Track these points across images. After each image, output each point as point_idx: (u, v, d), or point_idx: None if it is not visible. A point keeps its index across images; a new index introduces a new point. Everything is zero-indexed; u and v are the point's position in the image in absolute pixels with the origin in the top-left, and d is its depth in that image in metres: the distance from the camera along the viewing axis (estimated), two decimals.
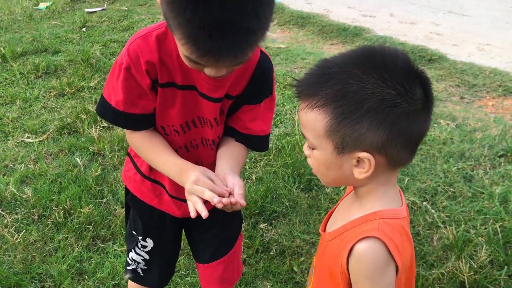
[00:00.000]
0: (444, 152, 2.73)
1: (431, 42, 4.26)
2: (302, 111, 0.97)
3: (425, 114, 0.94)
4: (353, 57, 0.96)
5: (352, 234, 0.99)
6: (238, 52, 0.95)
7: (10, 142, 3.15)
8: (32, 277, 2.12)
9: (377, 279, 0.96)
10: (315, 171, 1.05)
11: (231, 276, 1.58)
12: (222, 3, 0.89)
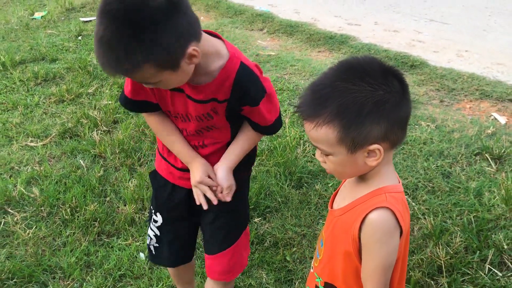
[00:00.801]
0: (424, 151, 2.94)
1: (413, 49, 4.49)
2: (311, 130, 1.14)
3: (406, 98, 1.15)
4: (337, 74, 1.14)
5: (363, 207, 1.17)
6: (115, 74, 1.26)
7: (14, 146, 3.30)
8: (43, 269, 2.27)
9: (386, 242, 1.15)
10: (331, 171, 1.22)
11: (232, 269, 1.71)
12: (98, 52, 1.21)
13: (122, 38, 1.16)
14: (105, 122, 3.46)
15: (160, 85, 1.33)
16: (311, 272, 1.43)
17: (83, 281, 2.22)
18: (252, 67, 1.43)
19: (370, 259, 1.18)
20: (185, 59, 1.26)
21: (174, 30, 1.20)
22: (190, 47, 1.24)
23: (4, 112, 3.79)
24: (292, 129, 3.22)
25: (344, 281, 1.27)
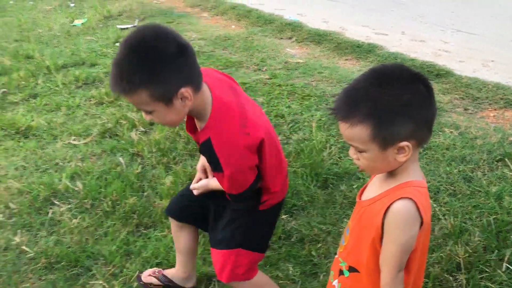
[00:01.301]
0: (447, 156, 3.05)
1: (439, 58, 4.59)
2: (346, 129, 1.28)
3: (431, 100, 1.29)
4: (369, 79, 1.30)
5: (389, 197, 1.31)
6: (115, 91, 1.47)
7: (58, 143, 3.54)
8: (87, 256, 2.47)
9: (405, 229, 1.28)
10: (364, 167, 1.36)
11: (221, 271, 1.87)
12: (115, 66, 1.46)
13: (128, 61, 1.43)
14: (142, 123, 3.67)
15: (154, 116, 1.53)
16: (336, 258, 1.56)
17: (123, 267, 2.41)
18: (220, 148, 1.57)
19: (388, 243, 1.31)
20: (178, 98, 1.47)
21: (174, 70, 1.44)
22: (184, 89, 1.46)
23: (49, 112, 4.05)
24: (319, 132, 3.36)
25: (367, 267, 1.40)
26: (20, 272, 2.39)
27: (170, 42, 1.44)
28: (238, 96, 1.67)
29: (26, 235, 2.61)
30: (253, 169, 1.66)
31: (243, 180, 1.65)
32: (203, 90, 1.55)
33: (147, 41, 1.43)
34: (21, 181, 3.07)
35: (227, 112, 1.59)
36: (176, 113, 1.52)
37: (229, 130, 1.58)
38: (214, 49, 5.28)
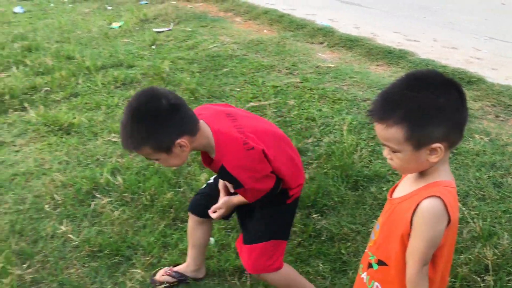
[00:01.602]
0: (477, 162, 3.09)
1: (470, 65, 4.61)
2: (382, 130, 1.36)
3: (464, 105, 1.37)
4: (405, 84, 1.38)
5: (419, 195, 1.38)
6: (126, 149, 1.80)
7: (99, 140, 3.71)
8: (127, 246, 2.61)
9: (432, 226, 1.35)
10: (397, 167, 1.43)
11: (253, 265, 2.03)
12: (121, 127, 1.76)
13: (130, 125, 1.71)
14: None
15: (161, 162, 1.81)
16: (365, 252, 1.64)
17: (160, 258, 2.54)
18: (233, 170, 1.80)
19: (415, 238, 1.38)
20: (176, 146, 1.73)
21: (168, 126, 1.70)
22: (180, 139, 1.71)
23: (89, 110, 4.24)
24: (350, 136, 3.44)
25: (395, 260, 1.47)
26: (65, 258, 2.55)
27: (162, 103, 1.70)
28: (235, 119, 1.90)
29: (71, 225, 2.77)
30: (269, 176, 1.87)
31: (263, 187, 1.88)
32: (202, 130, 1.80)
33: (142, 105, 1.71)
34: (65, 175, 3.25)
35: (228, 139, 1.81)
36: (178, 158, 1.80)
37: (235, 153, 1.80)
38: (246, 52, 5.41)
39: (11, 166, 3.41)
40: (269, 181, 1.88)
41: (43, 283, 2.40)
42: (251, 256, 2.02)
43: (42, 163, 3.43)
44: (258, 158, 1.81)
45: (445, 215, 1.35)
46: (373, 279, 1.55)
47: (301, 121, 3.83)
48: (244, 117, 1.97)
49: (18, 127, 3.97)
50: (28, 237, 2.69)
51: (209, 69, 5.03)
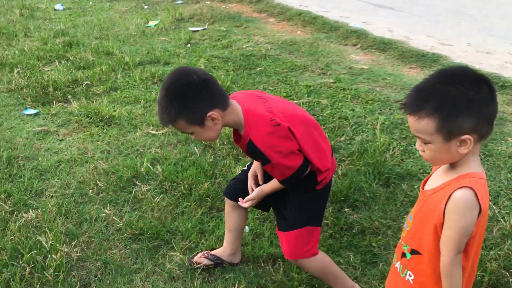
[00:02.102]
0: (509, 164, 3.12)
1: (505, 70, 4.61)
2: (414, 122, 1.43)
3: (494, 100, 1.43)
4: (438, 79, 1.45)
5: (451, 187, 1.44)
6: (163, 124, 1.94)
7: (138, 132, 3.87)
8: (166, 230, 2.74)
9: (465, 215, 1.42)
10: (429, 158, 1.50)
11: (292, 252, 2.13)
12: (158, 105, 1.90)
13: (165, 101, 1.85)
14: None
15: (196, 135, 1.95)
16: (399, 242, 1.71)
17: (198, 243, 2.66)
18: (260, 143, 1.90)
19: (449, 228, 1.45)
20: (208, 119, 1.86)
21: (200, 100, 1.84)
22: (211, 112, 1.85)
23: (128, 104, 4.42)
24: (382, 135, 3.51)
25: (428, 249, 1.54)
26: (108, 240, 2.69)
27: (193, 79, 1.84)
28: (265, 101, 2.01)
29: (113, 210, 2.92)
30: (296, 153, 1.94)
31: (290, 163, 1.94)
32: (232, 107, 1.92)
33: (175, 81, 1.86)
34: (107, 163, 3.41)
35: (257, 116, 1.93)
36: (211, 131, 1.93)
37: (263, 128, 1.91)
38: (280, 52, 5.51)
39: (56, 153, 3.60)
40: (296, 158, 1.94)
41: (88, 261, 2.55)
42: (289, 242, 2.12)
43: (85, 151, 3.61)
44: (284, 134, 1.91)
45: (477, 205, 1.41)
46: (406, 268, 1.61)
47: (334, 120, 3.91)
48: (275, 101, 2.07)
49: (61, 118, 4.17)
50: (74, 219, 2.85)
51: (243, 68, 5.16)
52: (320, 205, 2.18)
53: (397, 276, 1.65)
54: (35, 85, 4.65)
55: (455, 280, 1.48)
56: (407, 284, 1.60)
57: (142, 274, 2.46)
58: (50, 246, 2.54)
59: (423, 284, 1.57)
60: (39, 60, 5.46)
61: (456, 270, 1.47)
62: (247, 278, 2.42)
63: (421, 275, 1.57)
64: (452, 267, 1.47)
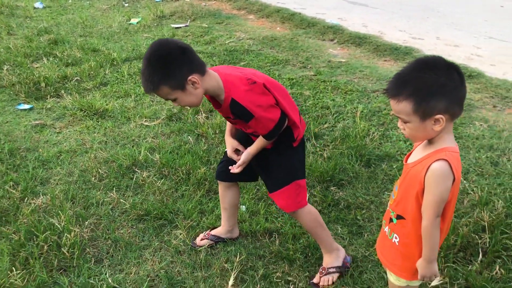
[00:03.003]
0: (476, 145, 3.46)
1: (471, 62, 4.98)
2: (395, 104, 1.65)
3: (463, 85, 1.67)
4: (414, 67, 1.69)
5: (429, 159, 1.63)
6: (147, 92, 2.06)
7: (132, 124, 4.07)
8: (169, 211, 2.97)
9: (441, 183, 1.62)
10: (408, 135, 1.73)
11: (287, 204, 2.37)
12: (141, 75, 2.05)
13: (147, 70, 2.00)
14: (205, 109, 4.18)
15: (178, 101, 2.08)
16: (387, 210, 1.94)
17: (199, 221, 2.90)
18: (242, 100, 2.10)
19: (429, 195, 1.67)
20: (189, 83, 2.03)
21: (179, 66, 2.00)
22: (191, 76, 2.01)
23: (119, 98, 4.60)
24: (362, 122, 3.81)
25: (411, 214, 1.77)
26: (116, 221, 2.91)
27: (172, 47, 2.02)
28: (242, 71, 2.23)
29: (117, 194, 3.13)
30: (274, 106, 2.17)
31: (271, 116, 2.16)
32: (210, 75, 2.10)
33: (155, 51, 2.02)
34: (106, 152, 3.61)
35: (234, 78, 2.14)
36: (193, 96, 2.08)
37: (241, 87, 2.12)
38: (262, 48, 5.77)
39: (55, 145, 3.78)
40: (275, 110, 2.17)
41: (99, 240, 2.75)
42: (283, 198, 2.37)
43: (83, 142, 3.79)
44: (261, 91, 2.14)
45: (451, 175, 1.64)
46: (393, 231, 1.86)
47: (316, 110, 4.19)
48: (248, 69, 2.31)
49: (56, 112, 4.33)
50: (80, 204, 3.05)
51: (228, 62, 5.39)
52: (300, 159, 2.41)
53: (386, 239, 1.90)
54: (26, 81, 4.79)
55: (434, 240, 1.72)
56: (394, 245, 1.84)
57: (150, 249, 2.68)
58: (63, 227, 2.74)
59: (407, 245, 1.80)
60: (27, 57, 5.58)
61: (435, 231, 1.69)
62: (247, 250, 2.67)
63: (405, 237, 1.79)
64: (432, 229, 1.68)
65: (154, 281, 2.48)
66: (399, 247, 1.82)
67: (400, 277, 1.86)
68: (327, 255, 2.50)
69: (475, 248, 2.53)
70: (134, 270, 2.53)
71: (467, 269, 2.42)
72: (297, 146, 2.36)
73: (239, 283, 2.45)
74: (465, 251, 2.54)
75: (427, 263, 1.74)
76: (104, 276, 2.47)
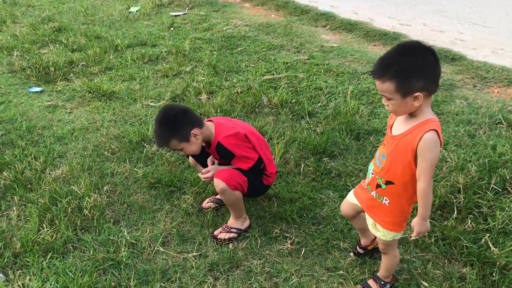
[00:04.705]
0: (456, 120, 3.79)
1: (455, 46, 5.30)
2: (380, 84, 1.84)
3: (438, 65, 1.90)
4: (395, 51, 1.92)
5: (419, 130, 1.85)
6: (158, 145, 2.65)
7: (138, 104, 4.37)
8: (177, 180, 3.28)
9: (434, 150, 1.83)
10: (392, 111, 1.96)
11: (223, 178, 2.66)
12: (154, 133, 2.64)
13: (160, 129, 2.57)
14: (205, 90, 4.48)
15: (185, 150, 2.63)
16: (372, 177, 2.13)
17: (205, 188, 3.21)
18: (225, 143, 2.61)
19: (423, 161, 1.86)
20: (192, 136, 2.58)
21: (184, 124, 2.57)
22: (193, 130, 2.57)
23: (125, 81, 4.89)
24: (352, 101, 4.13)
25: (402, 179, 1.98)
26: (129, 189, 3.21)
27: (176, 111, 2.59)
28: (231, 121, 2.79)
29: (129, 165, 3.43)
30: (253, 149, 2.68)
31: (249, 155, 2.67)
32: (208, 126, 2.67)
33: (164, 115, 2.59)
34: (116, 129, 3.90)
35: (222, 126, 2.69)
36: (195, 145, 2.63)
37: (226, 133, 2.64)
38: (258, 34, 6.06)
39: (68, 123, 4.07)
40: (254, 152, 2.67)
41: (115, 205, 3.06)
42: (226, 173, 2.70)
43: (94, 121, 4.08)
44: (242, 138, 2.65)
45: (439, 141, 1.86)
46: (382, 195, 2.08)
47: (310, 91, 4.50)
48: (238, 122, 2.84)
49: (66, 94, 4.61)
50: (96, 174, 3.35)
51: (225, 48, 5.68)
52: (258, 188, 2.81)
53: (374, 201, 2.14)
54: (36, 66, 5.06)
55: (429, 200, 1.94)
56: (384, 206, 2.09)
57: (162, 212, 3.00)
58: (82, 193, 3.04)
59: (397, 205, 2.05)
60: (33, 44, 5.84)
61: (430, 191, 1.92)
62: (249, 212, 2.99)
63: (396, 199, 2.04)
64: (428, 190, 1.91)
65: (167, 238, 2.79)
66: (389, 207, 2.07)
67: (390, 231, 2.11)
68: (234, 219, 2.84)
69: (451, 207, 2.87)
70: (149, 229, 2.84)
71: (443, 224, 2.75)
72: (265, 184, 2.82)
73: (242, 239, 2.77)
74: (442, 209, 2.88)
75: (422, 220, 1.97)
76: (123, 234, 2.78)
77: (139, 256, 2.62)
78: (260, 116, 4.07)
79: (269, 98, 4.30)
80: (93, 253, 2.60)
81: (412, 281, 2.43)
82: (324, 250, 2.66)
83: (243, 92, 4.46)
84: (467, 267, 2.47)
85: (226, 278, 2.48)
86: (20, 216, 2.91)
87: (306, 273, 2.51)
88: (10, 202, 3.03)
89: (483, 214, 2.80)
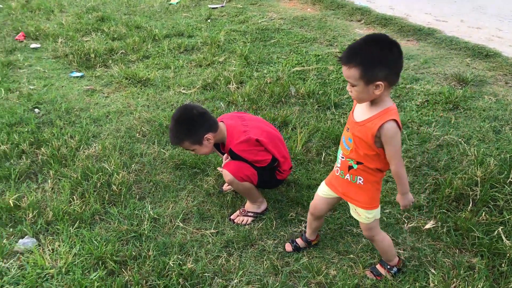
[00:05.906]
0: (483, 116, 3.76)
1: (491, 43, 5.21)
2: (346, 71, 1.93)
3: (401, 58, 1.98)
4: (363, 41, 1.98)
5: (380, 119, 1.97)
6: (173, 144, 2.83)
7: (171, 91, 4.55)
8: (202, 162, 3.42)
9: (396, 136, 1.98)
10: (355, 97, 2.05)
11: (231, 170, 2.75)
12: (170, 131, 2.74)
13: (175, 128, 2.67)
14: (235, 80, 4.62)
15: (196, 151, 2.74)
16: (343, 161, 2.21)
17: None
18: (237, 150, 2.70)
19: (390, 149, 2.02)
20: (205, 140, 2.67)
21: (198, 127, 2.65)
22: (206, 135, 2.66)
23: (160, 69, 5.09)
24: None
25: (368, 159, 2.11)
26: (156, 168, 3.39)
27: (193, 112, 2.67)
28: (243, 119, 2.84)
29: (158, 147, 3.61)
30: (264, 151, 2.73)
31: (262, 158, 2.75)
32: (220, 128, 2.74)
33: (182, 115, 2.68)
34: (148, 113, 4.09)
35: (234, 130, 2.75)
36: (206, 148, 2.73)
37: (237, 139, 2.71)
38: (292, 27, 6.14)
39: (104, 107, 4.29)
40: (266, 154, 2.74)
41: (142, 182, 3.24)
42: (234, 165, 2.79)
43: (128, 105, 4.29)
44: (254, 143, 2.71)
45: (399, 128, 1.99)
46: (356, 176, 2.18)
47: (339, 83, 4.56)
48: (251, 120, 2.88)
49: (104, 79, 4.85)
50: (126, 154, 3.54)
51: (259, 40, 5.80)
52: (271, 181, 2.90)
53: (349, 183, 2.23)
54: (78, 53, 5.33)
55: (403, 178, 2.09)
56: (359, 186, 2.19)
57: (185, 191, 3.15)
58: (112, 170, 3.24)
59: (370, 182, 2.16)
60: (77, 32, 6.14)
61: (403, 171, 2.08)
62: (267, 195, 3.10)
63: (370, 176, 2.15)
64: (401, 170, 2.07)
65: (187, 215, 2.94)
66: (364, 186, 2.18)
67: (369, 210, 2.21)
68: (250, 204, 2.92)
69: (467, 199, 2.89)
70: (171, 206, 3.00)
71: (457, 215, 2.78)
72: (278, 179, 2.90)
73: (258, 220, 2.88)
74: (458, 201, 2.90)
75: (403, 195, 2.14)
76: (147, 209, 2.95)
77: (160, 230, 2.78)
78: (286, 105, 4.17)
79: (297, 89, 4.39)
80: (118, 225, 2.78)
81: (420, 267, 2.48)
82: (337, 235, 2.74)
83: (272, 82, 4.57)
84: (477, 258, 2.50)
85: (240, 255, 2.60)
86: (54, 188, 3.13)
87: (317, 255, 2.60)
88: (46, 176, 3.26)
89: (498, 207, 2.80)
